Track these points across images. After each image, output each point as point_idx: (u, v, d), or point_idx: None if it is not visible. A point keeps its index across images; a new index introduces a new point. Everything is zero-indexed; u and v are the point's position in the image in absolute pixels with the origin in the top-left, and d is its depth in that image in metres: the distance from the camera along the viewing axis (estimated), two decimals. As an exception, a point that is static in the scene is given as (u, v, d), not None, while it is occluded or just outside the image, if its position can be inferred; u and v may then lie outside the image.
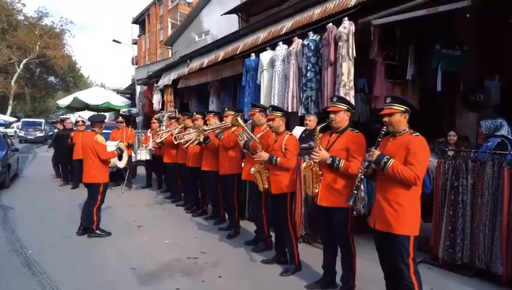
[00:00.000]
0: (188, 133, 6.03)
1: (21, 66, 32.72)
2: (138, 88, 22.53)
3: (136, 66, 23.61)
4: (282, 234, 3.97)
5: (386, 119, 2.68)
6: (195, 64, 8.95)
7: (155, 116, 10.00)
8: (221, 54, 7.81)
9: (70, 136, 8.23)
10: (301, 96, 5.45)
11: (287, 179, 3.76)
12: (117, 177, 8.12)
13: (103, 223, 5.08)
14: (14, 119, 26.21)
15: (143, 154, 7.00)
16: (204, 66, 8.37)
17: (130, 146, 7.09)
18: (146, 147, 7.48)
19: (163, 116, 9.65)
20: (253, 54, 6.70)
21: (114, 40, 21.79)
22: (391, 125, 2.67)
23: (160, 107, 11.01)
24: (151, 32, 37.29)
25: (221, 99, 8.60)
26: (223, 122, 5.44)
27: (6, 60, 31.34)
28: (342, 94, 4.71)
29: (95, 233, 4.83)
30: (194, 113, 6.28)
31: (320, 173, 3.20)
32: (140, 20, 39.79)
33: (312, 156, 3.20)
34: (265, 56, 6.24)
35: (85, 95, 15.60)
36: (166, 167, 7.18)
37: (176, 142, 6.06)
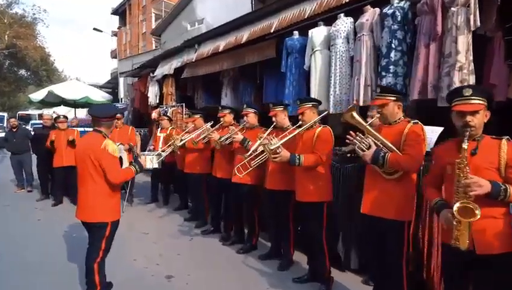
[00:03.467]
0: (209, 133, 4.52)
1: (-12, 57, 29.86)
2: (122, 81, 20.69)
3: (119, 59, 21.54)
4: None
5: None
6: (206, 49, 7.36)
7: (155, 111, 8.33)
8: (245, 34, 6.27)
9: (49, 136, 6.41)
10: (380, 84, 4.01)
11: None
12: None
13: (111, 274, 3.26)
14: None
15: (149, 161, 5.42)
16: (220, 50, 6.80)
17: (131, 149, 5.48)
18: (153, 150, 5.83)
19: (165, 111, 7.98)
20: (295, 32, 5.20)
21: (95, 29, 19.82)
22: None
23: (157, 101, 9.34)
24: (132, 24, 34.98)
25: (240, 91, 7.04)
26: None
27: (-29, 50, 28.46)
28: (456, 80, 3.31)
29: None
30: (220, 108, 4.74)
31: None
32: (120, 11, 37.32)
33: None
34: (318, 33, 4.76)
35: (61, 89, 13.76)
36: (188, 178, 5.37)
37: (217, 146, 4.41)
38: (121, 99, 20.53)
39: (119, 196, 3.08)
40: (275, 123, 3.89)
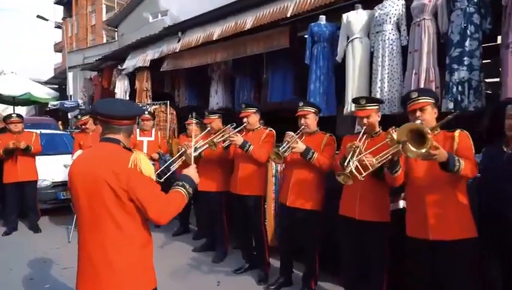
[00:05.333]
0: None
1: None
2: (71, 76, 18.55)
3: (68, 52, 19.34)
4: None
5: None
6: (194, 36, 6.25)
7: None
8: (248, 19, 5.28)
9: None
10: (448, 79, 3.29)
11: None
12: None
13: None
14: None
15: None
16: (214, 38, 5.74)
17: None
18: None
19: (145, 109, 6.69)
20: (322, 17, 4.35)
21: (39, 16, 17.47)
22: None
23: (127, 98, 7.98)
24: (79, 15, 32.16)
25: (236, 88, 6.04)
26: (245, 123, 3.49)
27: None
28: None
29: None
30: (243, 106, 3.71)
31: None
32: (65, 1, 34.18)
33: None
34: (357, 18, 3.94)
35: (-3, 84, 11.80)
36: (207, 198, 3.89)
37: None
38: (70, 96, 18.37)
39: (152, 249, 1.80)
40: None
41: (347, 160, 2.27)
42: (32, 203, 4.83)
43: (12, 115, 4.73)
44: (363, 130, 2.47)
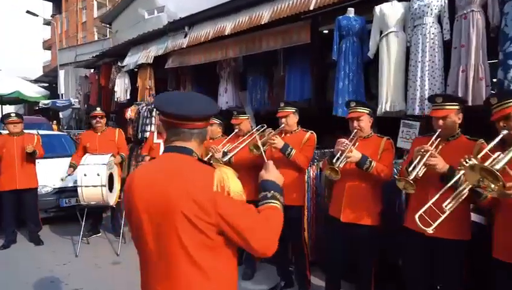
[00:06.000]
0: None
1: None
2: (62, 74, 17.99)
3: (58, 49, 18.75)
4: None
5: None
6: (203, 31, 5.88)
7: (131, 109, 6.62)
8: (265, 13, 4.93)
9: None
10: (502, 77, 3.00)
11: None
12: (95, 221, 4.59)
13: None
14: None
15: None
16: (227, 33, 5.38)
17: (122, 162, 3.88)
18: None
19: (149, 110, 6.28)
20: (351, 9, 4.03)
21: (29, 12, 16.87)
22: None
23: (127, 96, 7.59)
24: (69, 12, 31.40)
25: (249, 87, 5.69)
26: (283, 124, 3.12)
27: None
28: None
29: None
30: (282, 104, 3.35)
31: None
32: (54, -3, 33.31)
33: None
34: (392, 10, 3.63)
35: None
36: None
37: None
38: (62, 95, 17.79)
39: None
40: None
41: (413, 165, 2.00)
42: (32, 213, 4.34)
43: (11, 114, 4.20)
44: (437, 133, 2.15)
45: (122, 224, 3.98)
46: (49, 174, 4.64)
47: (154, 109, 6.08)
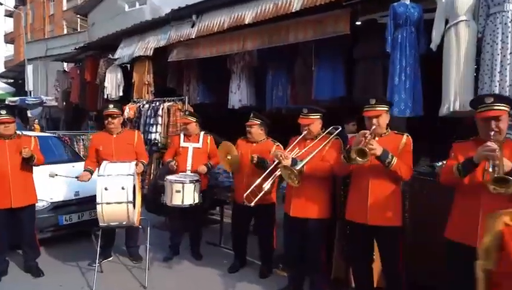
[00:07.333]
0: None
1: None
2: (30, 69, 16.64)
3: (26, 42, 17.34)
4: None
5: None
6: (215, 20, 5.23)
7: (129, 108, 5.85)
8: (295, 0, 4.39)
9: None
10: None
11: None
12: (108, 242, 3.53)
13: None
14: None
15: (188, 193, 2.95)
16: (247, 22, 4.78)
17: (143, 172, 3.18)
18: (184, 172, 3.46)
19: (153, 109, 5.51)
20: (406, -5, 3.57)
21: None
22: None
23: (120, 93, 6.79)
24: (35, 3, 29.34)
25: (269, 83, 5.11)
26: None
27: None
28: None
29: None
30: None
31: None
32: (17, -13, 31.06)
33: None
34: (460, -4, 3.20)
35: None
36: (302, 227, 2.77)
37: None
38: (30, 92, 16.40)
39: None
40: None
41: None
42: (29, 236, 3.34)
43: (1, 112, 3.13)
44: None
45: (148, 247, 3.20)
46: (44, 185, 3.72)
47: (161, 108, 5.35)
